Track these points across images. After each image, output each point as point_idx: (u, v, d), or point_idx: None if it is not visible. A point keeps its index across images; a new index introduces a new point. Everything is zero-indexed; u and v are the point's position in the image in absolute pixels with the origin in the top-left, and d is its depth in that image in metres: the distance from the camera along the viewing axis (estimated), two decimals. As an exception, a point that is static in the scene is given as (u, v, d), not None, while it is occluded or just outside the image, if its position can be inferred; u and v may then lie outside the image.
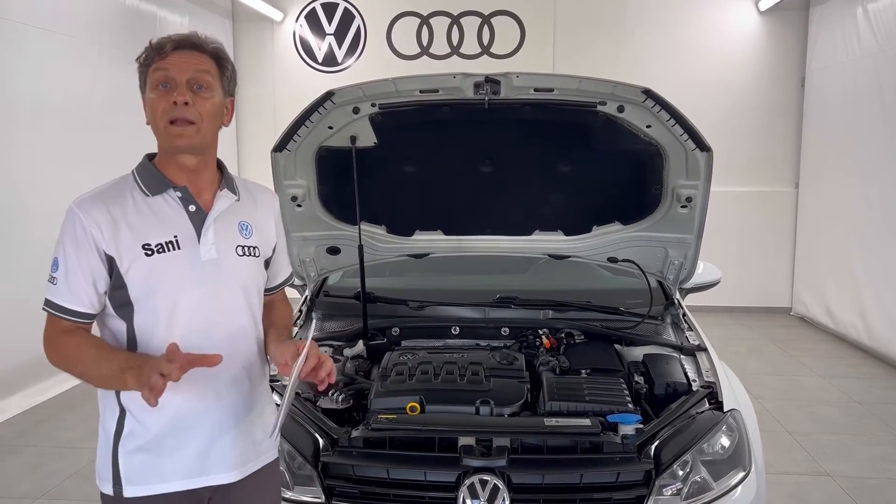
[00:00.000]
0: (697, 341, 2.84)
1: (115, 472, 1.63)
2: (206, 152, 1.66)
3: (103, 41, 5.77)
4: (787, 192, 7.89)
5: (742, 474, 2.17)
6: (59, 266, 1.58)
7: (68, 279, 1.57)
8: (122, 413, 1.63)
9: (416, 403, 2.27)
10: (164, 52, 1.56)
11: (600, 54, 7.73)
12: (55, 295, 1.59)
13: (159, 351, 1.50)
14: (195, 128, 1.58)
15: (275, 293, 1.93)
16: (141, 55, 1.60)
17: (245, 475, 1.72)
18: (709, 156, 2.73)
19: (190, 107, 1.56)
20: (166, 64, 1.56)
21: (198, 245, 1.62)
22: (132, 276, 1.57)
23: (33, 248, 4.97)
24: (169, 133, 1.58)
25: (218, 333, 1.64)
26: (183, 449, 1.63)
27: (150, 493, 1.62)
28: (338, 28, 8.11)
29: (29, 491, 3.70)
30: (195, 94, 1.57)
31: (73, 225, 1.57)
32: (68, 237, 1.58)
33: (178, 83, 1.55)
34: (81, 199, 1.60)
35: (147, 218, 1.60)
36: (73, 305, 1.58)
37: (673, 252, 3.11)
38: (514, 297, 3.06)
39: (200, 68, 1.58)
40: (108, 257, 1.57)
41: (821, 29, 7.29)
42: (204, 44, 1.61)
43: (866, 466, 3.98)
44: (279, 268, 1.90)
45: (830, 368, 5.92)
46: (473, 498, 2.00)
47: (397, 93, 2.65)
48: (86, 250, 1.56)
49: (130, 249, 1.56)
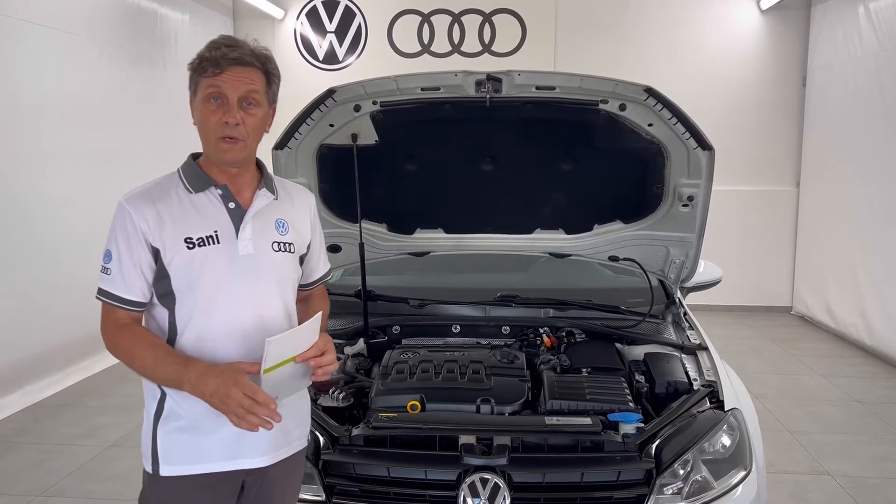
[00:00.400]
0: (698, 340, 2.83)
1: (154, 451, 1.72)
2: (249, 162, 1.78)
3: (104, 38, 5.76)
4: (789, 191, 7.89)
5: (743, 473, 2.16)
6: (113, 258, 1.69)
7: (122, 270, 1.68)
8: (162, 395, 1.73)
9: (416, 402, 2.26)
10: (219, 67, 1.64)
11: (602, 52, 7.73)
12: (109, 285, 1.69)
13: (198, 337, 1.68)
14: (242, 144, 1.69)
15: (312, 289, 2.02)
16: (195, 61, 1.67)
17: (276, 461, 1.80)
18: (710, 154, 2.72)
19: (240, 126, 1.66)
20: (220, 81, 1.65)
21: (236, 240, 1.72)
22: (174, 267, 1.67)
23: (33, 244, 4.98)
24: (218, 149, 1.69)
25: (252, 324, 1.73)
26: (217, 432, 1.70)
27: (185, 472, 1.71)
28: (339, 26, 8.11)
29: (28, 488, 3.70)
30: (244, 112, 1.68)
31: (122, 219, 1.68)
32: (119, 231, 1.68)
33: (230, 101, 1.66)
34: (130, 195, 1.71)
35: (189, 213, 1.70)
36: (126, 294, 1.68)
37: (674, 251, 3.10)
38: (514, 296, 3.06)
39: (251, 87, 1.68)
40: (153, 249, 1.67)
41: (822, 28, 7.29)
42: (256, 60, 1.69)
43: (867, 466, 3.98)
44: (315, 265, 1.99)
45: (831, 368, 5.91)
46: (474, 496, 2.00)
47: (398, 91, 2.64)
48: (135, 243, 1.67)
49: (173, 242, 1.67)
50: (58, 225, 5.22)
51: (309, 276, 1.98)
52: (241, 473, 1.77)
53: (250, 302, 1.73)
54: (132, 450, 4.19)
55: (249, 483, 1.80)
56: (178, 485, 1.71)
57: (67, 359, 5.35)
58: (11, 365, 4.78)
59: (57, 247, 5.20)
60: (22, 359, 4.88)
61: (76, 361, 5.45)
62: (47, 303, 5.10)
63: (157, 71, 6.55)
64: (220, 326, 1.69)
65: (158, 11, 6.60)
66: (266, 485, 1.83)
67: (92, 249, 5.70)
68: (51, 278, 5.13)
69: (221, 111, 1.66)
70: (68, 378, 5.34)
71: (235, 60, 1.65)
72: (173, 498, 1.74)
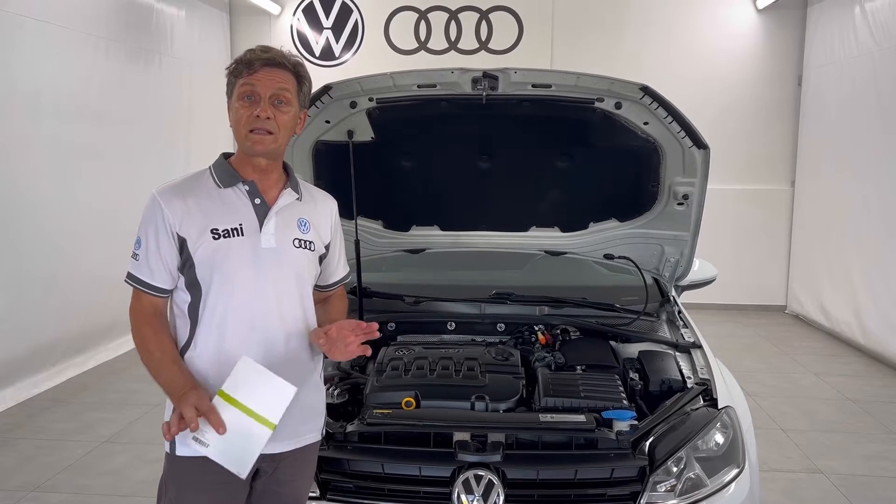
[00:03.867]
0: (693, 338, 2.84)
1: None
2: (277, 157, 1.87)
3: (100, 33, 5.74)
4: (784, 190, 7.91)
5: (736, 471, 2.17)
6: (142, 245, 1.79)
7: (149, 259, 1.78)
8: None
9: (411, 398, 2.27)
10: (252, 68, 1.76)
11: (598, 50, 7.73)
12: (136, 270, 1.80)
13: (218, 324, 1.78)
14: (273, 137, 1.78)
15: (331, 290, 2.09)
16: (231, 65, 1.80)
17: (285, 450, 1.87)
18: (706, 153, 2.73)
19: (270, 120, 1.76)
20: (253, 80, 1.76)
21: (259, 233, 1.81)
22: (199, 256, 1.77)
23: (27, 240, 4.97)
24: (249, 139, 1.78)
25: (271, 314, 1.82)
26: None
27: (198, 454, 1.74)
28: (335, 22, 8.09)
29: (22, 483, 3.69)
30: (275, 109, 1.78)
31: (153, 210, 1.79)
32: (150, 221, 1.79)
33: (261, 98, 1.76)
34: (162, 188, 1.81)
35: (217, 206, 1.81)
36: (150, 280, 1.79)
37: (669, 249, 3.11)
38: (510, 293, 3.06)
39: (283, 86, 1.79)
40: (180, 239, 1.77)
41: (818, 27, 7.30)
42: (287, 62, 1.81)
43: (859, 464, 4.00)
44: (335, 267, 2.07)
45: (825, 366, 5.94)
46: (468, 493, 2.00)
47: (395, 87, 2.64)
48: (163, 234, 1.77)
49: (200, 233, 1.77)
50: (53, 220, 5.21)
51: (328, 277, 2.05)
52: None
53: (270, 293, 1.82)
54: (126, 446, 4.18)
55: (262, 469, 1.87)
56: (192, 465, 1.77)
57: (61, 354, 5.34)
58: (5, 360, 4.77)
59: (52, 242, 5.19)
60: (16, 354, 4.86)
61: (70, 357, 5.44)
62: (42, 298, 5.09)
63: (153, 66, 6.53)
64: (238, 314, 1.78)
65: (155, 7, 6.58)
66: (278, 473, 1.89)
67: (88, 244, 5.72)
68: (45, 273, 5.12)
69: (254, 107, 1.76)
70: (62, 374, 5.32)
71: (267, 61, 1.77)
72: (188, 477, 1.82)
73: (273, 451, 1.83)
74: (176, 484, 1.84)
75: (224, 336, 1.79)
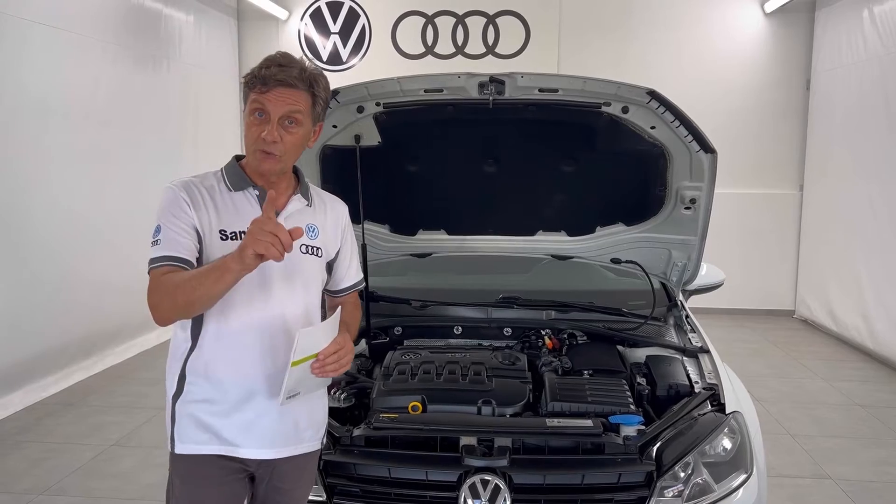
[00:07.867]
0: (700, 343, 2.83)
1: (172, 429, 1.83)
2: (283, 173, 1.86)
3: (108, 38, 5.78)
4: (792, 194, 7.88)
5: (743, 476, 2.16)
6: (162, 230, 1.74)
7: (169, 237, 1.73)
8: (181, 376, 1.81)
9: (417, 403, 2.27)
10: (266, 86, 1.73)
11: (605, 55, 7.72)
12: (160, 251, 1.73)
13: (222, 328, 1.76)
14: (277, 158, 1.77)
15: (343, 296, 2.07)
16: (248, 75, 1.78)
17: (280, 456, 1.86)
18: (713, 157, 2.72)
19: (277, 144, 1.74)
20: (265, 99, 1.74)
21: None
22: (206, 255, 1.76)
23: (35, 243, 5.00)
24: (255, 157, 1.78)
25: (274, 319, 1.81)
26: (229, 417, 1.79)
27: (195, 451, 1.80)
28: (343, 27, 8.12)
29: (31, 486, 3.71)
30: (284, 130, 1.75)
31: (170, 198, 1.76)
32: (168, 208, 1.76)
33: (271, 118, 1.74)
34: (178, 181, 1.81)
35: (227, 208, 1.81)
36: (174, 253, 1.72)
37: (676, 254, 3.10)
38: (516, 298, 3.06)
39: (294, 108, 1.75)
40: (196, 230, 1.76)
41: (826, 31, 7.28)
42: (302, 82, 1.75)
43: (868, 470, 3.98)
44: (345, 273, 2.04)
45: (833, 371, 5.91)
46: (475, 498, 2.00)
47: (402, 92, 2.64)
48: (183, 216, 1.75)
49: (210, 232, 1.77)
50: (61, 224, 5.23)
51: (339, 283, 2.04)
52: (251, 463, 1.84)
53: (275, 297, 1.81)
54: (134, 449, 4.20)
55: (259, 475, 1.88)
56: (191, 463, 1.81)
57: (70, 358, 5.36)
58: (14, 364, 4.79)
59: (59, 246, 5.21)
60: (24, 358, 4.89)
61: (78, 361, 5.46)
62: (50, 301, 5.11)
63: (161, 71, 6.57)
64: (243, 318, 1.77)
65: (163, 12, 6.61)
66: (275, 479, 1.89)
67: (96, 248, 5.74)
68: (53, 277, 5.14)
69: (263, 126, 1.74)
70: (70, 377, 5.34)
71: (281, 82, 1.73)
72: (188, 475, 1.84)
73: (264, 456, 1.83)
74: (180, 481, 1.86)
75: (227, 341, 1.78)
